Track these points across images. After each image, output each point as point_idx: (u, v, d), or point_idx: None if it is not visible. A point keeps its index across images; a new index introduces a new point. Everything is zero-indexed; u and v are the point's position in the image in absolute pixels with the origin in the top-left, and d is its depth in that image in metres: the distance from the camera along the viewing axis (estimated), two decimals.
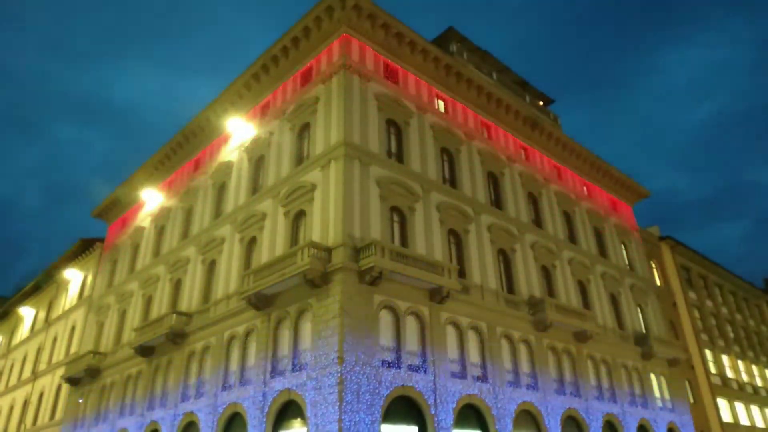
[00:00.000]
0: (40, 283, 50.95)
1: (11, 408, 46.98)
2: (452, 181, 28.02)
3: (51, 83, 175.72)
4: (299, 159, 25.89)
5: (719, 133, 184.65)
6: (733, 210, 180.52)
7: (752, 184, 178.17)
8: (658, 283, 43.95)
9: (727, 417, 42.95)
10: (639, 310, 37.23)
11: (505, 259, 28.64)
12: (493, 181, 30.92)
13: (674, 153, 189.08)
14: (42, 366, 44.04)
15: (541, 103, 42.16)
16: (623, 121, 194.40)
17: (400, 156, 25.89)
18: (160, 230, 35.66)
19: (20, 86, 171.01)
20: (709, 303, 49.42)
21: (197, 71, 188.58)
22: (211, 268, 28.73)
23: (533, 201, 33.26)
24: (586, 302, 32.52)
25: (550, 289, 30.43)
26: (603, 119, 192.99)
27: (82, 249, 45.24)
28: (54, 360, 42.59)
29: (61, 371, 38.64)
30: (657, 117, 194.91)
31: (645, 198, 44.75)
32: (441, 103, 30.08)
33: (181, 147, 35.94)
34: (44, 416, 40.53)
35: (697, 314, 46.67)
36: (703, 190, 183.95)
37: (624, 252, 39.63)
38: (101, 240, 43.81)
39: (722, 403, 43.37)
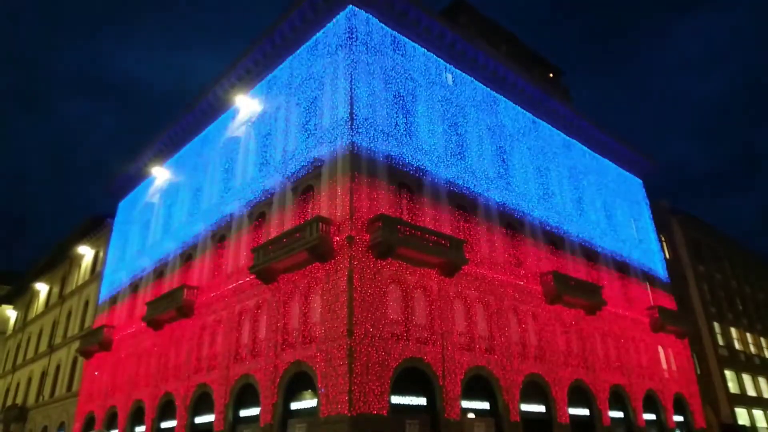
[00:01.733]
0: (53, 259, 51.72)
1: (29, 380, 48.24)
2: (461, 156, 27.86)
3: (54, 59, 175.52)
4: (307, 134, 25.81)
5: (732, 104, 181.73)
6: (745, 182, 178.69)
7: (765, 155, 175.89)
8: (667, 256, 43.83)
9: (734, 388, 43.26)
10: (648, 283, 37.24)
11: (513, 232, 28.64)
12: (502, 156, 30.71)
13: (686, 124, 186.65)
14: (58, 340, 45.02)
15: (551, 74, 41.56)
16: (634, 92, 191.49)
17: (408, 130, 25.73)
18: (169, 206, 35.90)
19: (23, 63, 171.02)
20: (718, 276, 49.31)
21: (203, 45, 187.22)
22: (220, 243, 28.98)
23: (542, 174, 33.04)
24: (595, 275, 32.56)
25: (559, 262, 30.45)
26: (614, 90, 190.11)
27: (92, 225, 45.75)
28: (69, 334, 43.50)
29: (76, 344, 39.48)
30: (669, 87, 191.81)
31: (655, 171, 44.32)
32: (449, 76, 29.73)
33: (189, 123, 35.90)
34: (62, 388, 41.60)
35: (706, 287, 46.63)
36: (716, 162, 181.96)
37: (634, 225, 39.46)
38: (112, 216, 44.24)
39: (729, 375, 43.63)
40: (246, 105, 30.92)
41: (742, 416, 42.12)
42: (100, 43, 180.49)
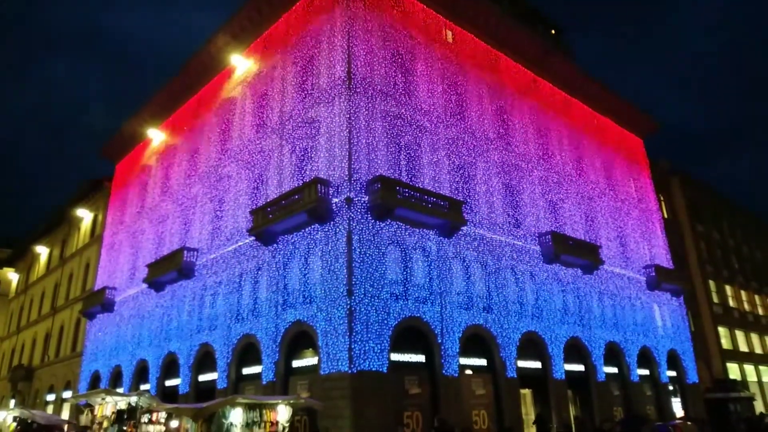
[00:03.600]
0: (52, 222, 51.78)
1: (34, 341, 49.04)
2: (460, 115, 27.53)
3: (37, 16, 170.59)
4: (304, 93, 25.41)
5: (734, 64, 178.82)
6: (746, 142, 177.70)
7: (765, 117, 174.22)
8: (665, 215, 43.96)
9: (726, 344, 44.15)
10: (645, 243, 37.46)
11: (512, 193, 28.59)
12: (502, 115, 30.35)
13: (689, 84, 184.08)
14: (60, 302, 45.52)
15: (553, 32, 40.68)
16: (636, 52, 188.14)
17: (407, 89, 25.32)
18: (166, 168, 35.69)
19: (4, 21, 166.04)
20: (716, 235, 49.61)
21: (192, 2, 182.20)
22: (219, 205, 28.95)
23: (542, 134, 32.75)
24: (593, 235, 32.71)
25: (557, 222, 30.54)
26: (616, 50, 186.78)
27: (90, 188, 45.59)
28: (71, 296, 43.97)
29: (79, 306, 39.95)
30: (672, 46, 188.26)
31: (656, 131, 43.94)
32: (449, 33, 29.08)
33: (184, 83, 35.29)
34: (66, 348, 42.33)
35: (703, 246, 46.97)
36: (717, 121, 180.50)
37: (633, 185, 39.41)
38: (109, 179, 44.04)
39: (723, 331, 44.46)
40: (241, 64, 30.33)
41: (733, 371, 43.15)
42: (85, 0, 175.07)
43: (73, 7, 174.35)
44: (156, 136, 37.28)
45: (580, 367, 28.12)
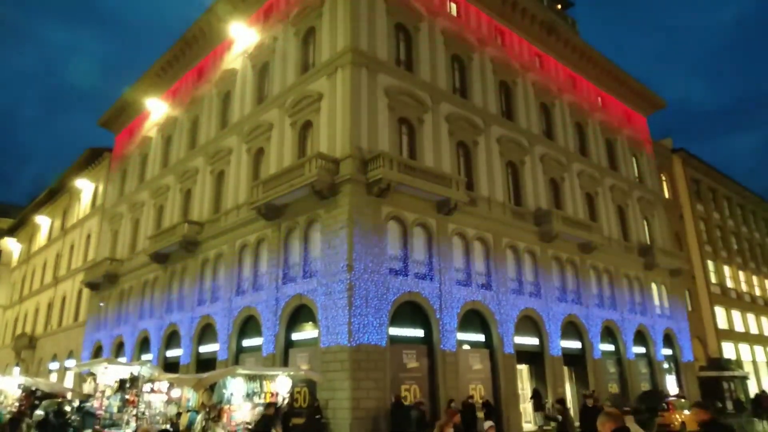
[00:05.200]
0: (53, 192, 51.75)
1: (36, 310, 49.51)
2: (462, 91, 27.26)
3: None
4: (305, 66, 25.12)
5: (740, 40, 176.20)
6: (749, 121, 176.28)
7: None
8: (666, 195, 43.90)
9: (722, 324, 44.55)
10: (645, 222, 37.49)
11: (513, 171, 28.50)
12: (505, 91, 30.05)
13: (693, 61, 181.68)
14: (62, 272, 45.81)
15: (559, 6, 39.99)
16: (642, 27, 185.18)
17: (409, 64, 25.03)
18: (167, 140, 35.52)
19: None
20: (716, 215, 49.63)
21: None
22: (219, 178, 28.89)
23: (545, 112, 32.47)
24: (593, 214, 32.71)
25: (558, 201, 30.51)
26: (621, 24, 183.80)
27: (91, 158, 45.44)
28: (73, 266, 44.22)
29: (80, 276, 40.22)
30: (676, 22, 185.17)
31: (660, 109, 43.57)
32: (453, 6, 28.59)
33: (183, 54, 34.89)
34: (68, 318, 42.76)
35: (702, 226, 47.01)
36: (720, 99, 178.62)
37: (635, 164, 39.24)
38: (109, 150, 43.85)
39: (719, 311, 44.82)
40: (242, 35, 29.91)
41: (728, 350, 43.63)
42: None
43: None
44: (156, 107, 36.98)
45: (577, 344, 28.43)
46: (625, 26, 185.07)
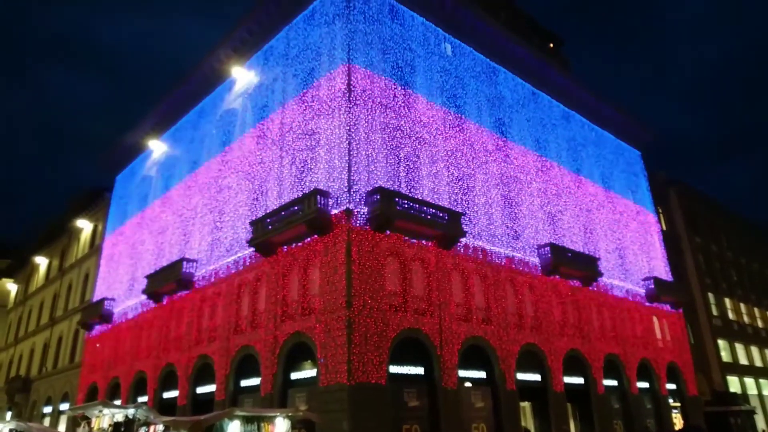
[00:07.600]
0: (52, 233, 51.80)
1: (32, 352, 48.81)
2: (459, 127, 27.68)
3: (28, 23, 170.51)
4: (303, 106, 25.57)
5: (730, 72, 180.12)
6: (743, 152, 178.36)
7: (763, 124, 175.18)
8: (664, 227, 44.04)
9: (726, 357, 44.01)
10: (644, 255, 37.49)
11: (511, 204, 28.68)
12: (501, 128, 30.52)
13: (684, 93, 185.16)
14: (59, 312, 45.39)
15: (552, 44, 41.03)
16: (634, 63, 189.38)
17: (406, 101, 25.50)
18: (167, 179, 35.78)
19: None
20: (714, 247, 49.63)
21: (194, 13, 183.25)
22: (218, 216, 29.00)
23: (541, 146, 32.88)
24: (592, 247, 32.75)
25: (556, 234, 30.60)
26: (613, 61, 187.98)
27: (91, 199, 45.69)
28: (70, 306, 43.85)
29: (77, 317, 39.83)
30: (669, 57, 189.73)
31: (654, 142, 44.13)
32: (448, 47, 29.33)
33: (184, 95, 35.50)
34: (64, 359, 42.13)
35: (701, 258, 46.99)
36: (713, 131, 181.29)
37: (631, 197, 39.52)
38: (109, 190, 44.10)
39: (722, 344, 44.33)
40: (242, 76, 30.54)
41: (733, 384, 42.97)
42: (73, 8, 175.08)
43: (70, 16, 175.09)
44: (156, 147, 37.39)
45: (580, 380, 28.02)
46: (619, 63, 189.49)
